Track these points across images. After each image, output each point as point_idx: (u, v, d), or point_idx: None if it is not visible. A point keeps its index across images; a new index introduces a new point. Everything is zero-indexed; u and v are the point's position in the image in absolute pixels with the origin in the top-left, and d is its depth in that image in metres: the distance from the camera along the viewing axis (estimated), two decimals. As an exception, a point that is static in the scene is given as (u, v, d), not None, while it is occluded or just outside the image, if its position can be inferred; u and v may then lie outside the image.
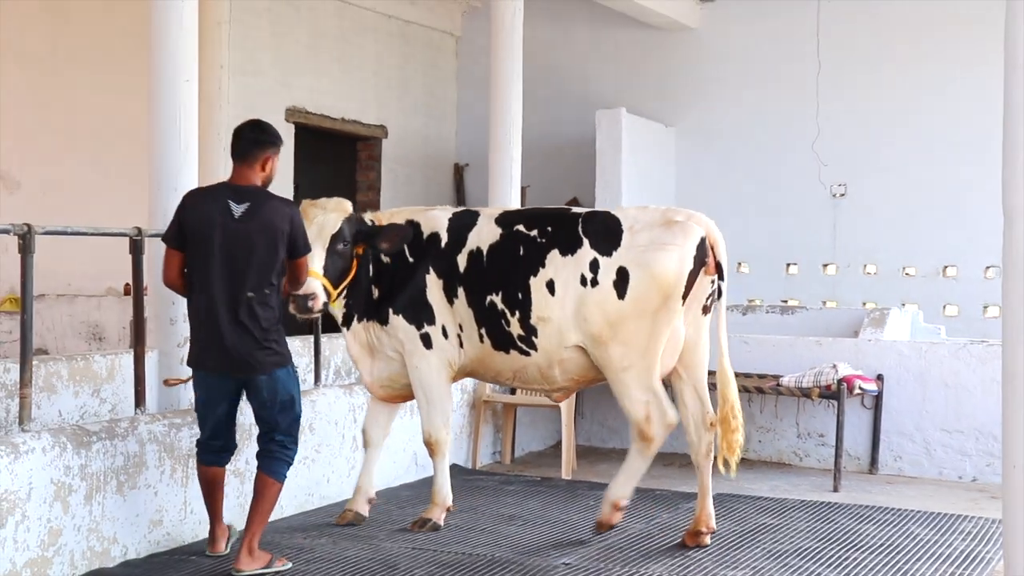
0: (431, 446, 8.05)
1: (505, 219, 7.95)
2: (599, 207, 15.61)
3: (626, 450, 10.73)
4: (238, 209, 6.78)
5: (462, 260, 7.83)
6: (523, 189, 13.87)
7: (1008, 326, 3.10)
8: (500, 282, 7.71)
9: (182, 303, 8.84)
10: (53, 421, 8.43)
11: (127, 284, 12.62)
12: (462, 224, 7.97)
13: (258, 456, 7.02)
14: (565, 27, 16.98)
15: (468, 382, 10.16)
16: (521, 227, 7.82)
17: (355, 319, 8.06)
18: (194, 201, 6.97)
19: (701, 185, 17.00)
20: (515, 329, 7.65)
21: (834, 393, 9.67)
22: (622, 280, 7.50)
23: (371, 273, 7.99)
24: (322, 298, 7.45)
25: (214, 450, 6.98)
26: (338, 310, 7.98)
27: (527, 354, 7.70)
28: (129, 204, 11.14)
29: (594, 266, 7.55)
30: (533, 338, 7.63)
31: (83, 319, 13.72)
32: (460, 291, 7.81)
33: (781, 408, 10.41)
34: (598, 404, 10.90)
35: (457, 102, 18.14)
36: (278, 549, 7.15)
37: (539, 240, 7.71)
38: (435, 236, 7.93)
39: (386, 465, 9.23)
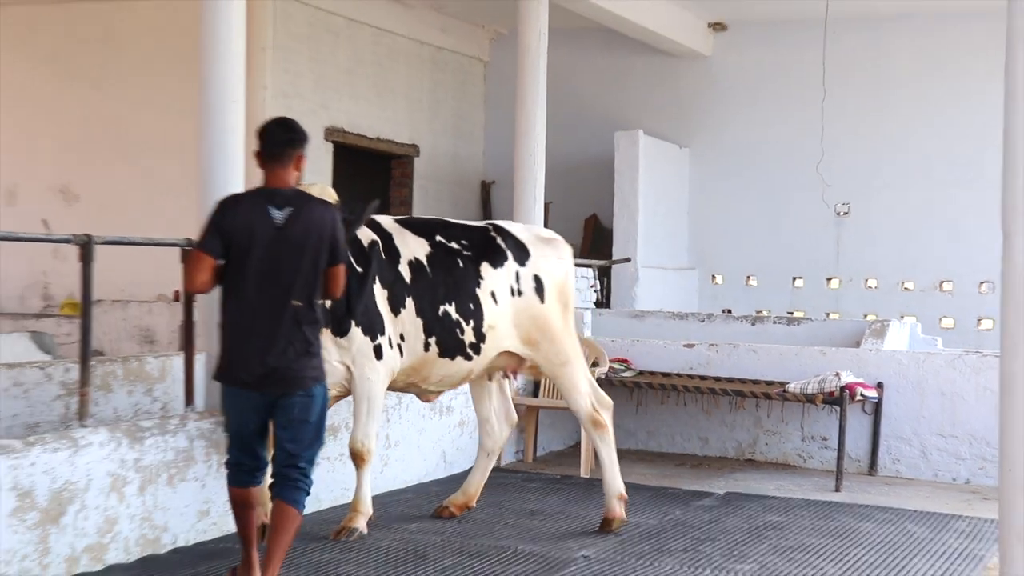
0: (362, 456, 7.41)
1: (419, 229, 7.87)
2: (617, 223, 15.78)
3: (641, 451, 10.83)
4: (280, 215, 6.00)
5: (405, 271, 7.57)
6: (546, 205, 13.90)
7: (1006, 338, 3.12)
8: (451, 293, 7.68)
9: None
10: (109, 418, 8.48)
11: (176, 291, 12.69)
12: (382, 233, 7.62)
13: (276, 482, 6.16)
14: (586, 53, 17.03)
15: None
16: (441, 238, 7.86)
17: None
18: (233, 208, 6.13)
19: (712, 203, 17.08)
20: (468, 337, 7.69)
21: (837, 399, 9.66)
22: (539, 286, 7.96)
23: None
24: None
25: (246, 470, 6.20)
26: None
27: (470, 359, 7.75)
28: (179, 216, 11.21)
29: (517, 276, 7.93)
30: (481, 344, 7.74)
31: (136, 323, 13.79)
32: (408, 301, 7.52)
33: (787, 413, 10.41)
34: (614, 407, 10.90)
35: (485, 123, 18.21)
36: (316, 540, 7.17)
37: (467, 253, 7.82)
38: (375, 244, 7.50)
39: (416, 462, 9.26)
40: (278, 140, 6.21)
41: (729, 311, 15.44)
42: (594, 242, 17.06)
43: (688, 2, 16.02)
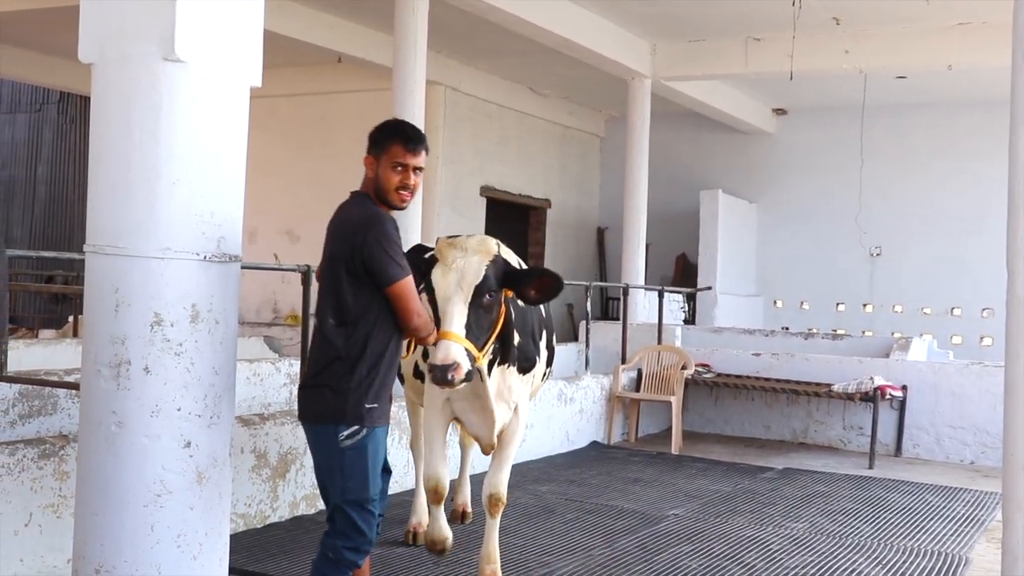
0: (502, 504, 5.17)
1: None
2: (701, 260, 15.68)
3: (718, 434, 10.67)
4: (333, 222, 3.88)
5: None
6: (647, 246, 13.85)
7: (1010, 350, 3.02)
8: None
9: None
10: (319, 401, 8.56)
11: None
12: None
13: None
14: (679, 131, 16.95)
15: (606, 380, 10.08)
16: None
17: (496, 364, 4.76)
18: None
19: (774, 245, 16.90)
20: None
21: (871, 397, 9.46)
22: None
23: (513, 316, 4.73)
24: (465, 367, 4.05)
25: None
26: (484, 363, 4.48)
27: None
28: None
29: None
30: None
31: (338, 331, 14.00)
32: None
33: (832, 407, 10.20)
34: (697, 401, 10.80)
35: (600, 183, 18.20)
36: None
37: None
38: None
39: (546, 440, 9.18)
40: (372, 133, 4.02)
41: (787, 328, 15.18)
42: (683, 274, 16.93)
43: (757, 92, 15.86)
